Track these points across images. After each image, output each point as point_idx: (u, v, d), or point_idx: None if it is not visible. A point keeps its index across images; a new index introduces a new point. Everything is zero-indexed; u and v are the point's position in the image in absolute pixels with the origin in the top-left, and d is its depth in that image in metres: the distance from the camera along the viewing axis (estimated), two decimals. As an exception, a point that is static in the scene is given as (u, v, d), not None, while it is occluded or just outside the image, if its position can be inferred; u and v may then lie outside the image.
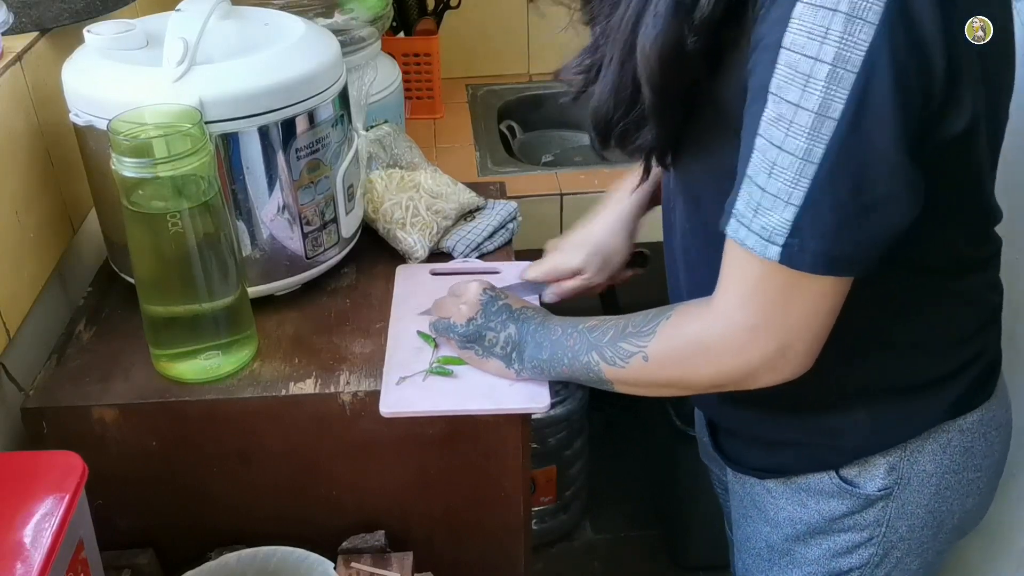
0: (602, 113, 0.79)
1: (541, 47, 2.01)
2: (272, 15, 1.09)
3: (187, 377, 0.95)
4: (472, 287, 0.95)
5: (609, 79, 0.77)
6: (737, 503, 1.02)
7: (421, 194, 1.18)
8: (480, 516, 1.03)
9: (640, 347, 0.81)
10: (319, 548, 0.93)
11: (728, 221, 0.72)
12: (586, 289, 1.06)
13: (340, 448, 0.97)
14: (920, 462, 0.87)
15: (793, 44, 0.64)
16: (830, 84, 0.64)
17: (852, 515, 0.89)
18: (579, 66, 0.84)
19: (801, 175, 0.66)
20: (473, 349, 0.94)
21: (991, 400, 0.89)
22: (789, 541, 0.94)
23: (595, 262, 1.05)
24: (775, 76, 0.66)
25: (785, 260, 0.69)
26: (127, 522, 0.98)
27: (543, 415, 0.97)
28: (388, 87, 1.47)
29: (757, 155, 0.69)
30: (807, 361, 0.75)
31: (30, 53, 1.02)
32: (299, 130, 0.97)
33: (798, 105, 0.65)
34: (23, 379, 0.96)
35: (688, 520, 1.89)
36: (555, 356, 0.88)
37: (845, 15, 0.62)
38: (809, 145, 0.66)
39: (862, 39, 0.63)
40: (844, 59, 0.63)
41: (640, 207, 1.06)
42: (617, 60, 0.76)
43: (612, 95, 0.78)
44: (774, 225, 0.69)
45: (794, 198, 0.67)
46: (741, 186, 0.71)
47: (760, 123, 0.68)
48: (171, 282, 0.91)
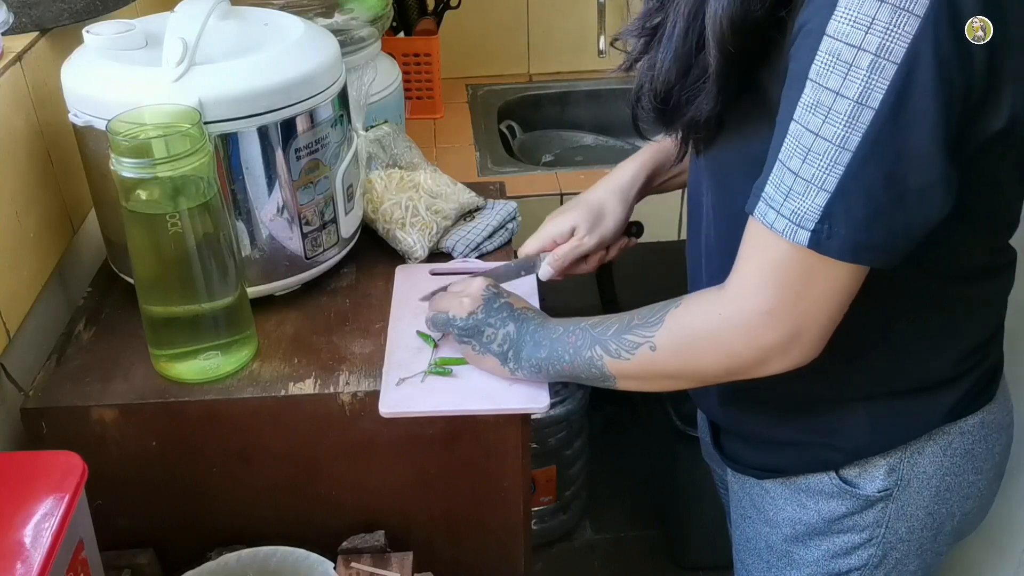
0: (662, 79, 0.78)
1: (541, 47, 2.01)
2: (271, 15, 1.09)
3: (187, 377, 0.95)
4: (476, 282, 0.95)
5: (673, 45, 0.77)
6: (736, 504, 1.02)
7: (421, 194, 1.18)
8: (480, 516, 1.03)
9: (647, 337, 0.81)
10: (319, 548, 0.93)
11: (756, 203, 0.72)
12: (580, 254, 1.05)
13: (340, 448, 0.97)
14: (920, 464, 0.87)
15: (837, 32, 0.65)
16: (872, 73, 0.64)
17: (851, 516, 0.89)
18: (641, 28, 0.83)
19: (836, 162, 0.67)
20: (471, 344, 0.93)
21: (992, 403, 0.88)
22: (788, 542, 0.94)
23: (587, 220, 1.04)
24: (816, 62, 0.66)
25: (813, 245, 0.69)
26: (127, 522, 0.98)
27: (543, 415, 0.97)
28: (388, 87, 1.47)
29: (791, 140, 0.69)
30: (816, 348, 0.75)
31: (30, 53, 1.02)
32: (298, 130, 0.97)
33: (838, 92, 0.66)
34: (23, 379, 0.96)
35: (688, 520, 1.89)
36: (555, 353, 0.87)
37: (892, 6, 0.63)
38: (846, 133, 0.66)
39: (907, 31, 0.63)
40: (887, 50, 0.63)
41: (639, 180, 1.05)
42: (682, 26, 0.75)
43: (675, 62, 0.77)
44: (805, 210, 0.69)
45: (827, 184, 0.67)
46: (772, 170, 0.71)
47: (797, 108, 0.68)
48: (170, 282, 0.91)
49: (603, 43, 1.92)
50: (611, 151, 1.96)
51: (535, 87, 2.01)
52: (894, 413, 0.85)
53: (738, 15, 0.70)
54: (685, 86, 0.77)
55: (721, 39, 0.72)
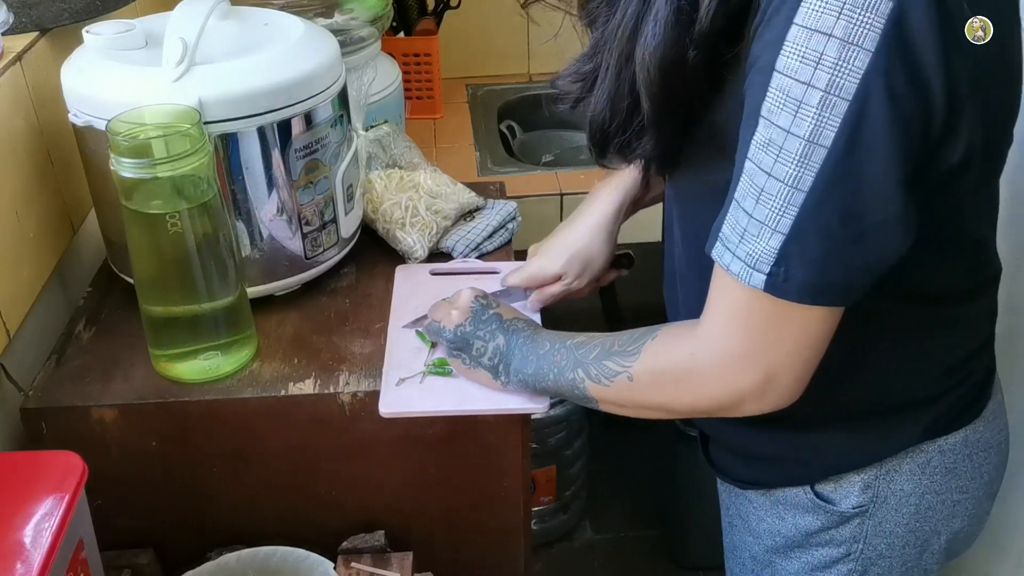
0: (598, 123, 0.77)
1: (541, 47, 2.01)
2: (271, 15, 1.09)
3: (186, 377, 0.95)
4: (464, 293, 0.93)
5: (606, 88, 0.75)
6: (724, 512, 1.02)
7: (420, 194, 1.18)
8: (480, 516, 1.03)
9: (625, 367, 0.79)
10: (319, 548, 0.93)
11: (714, 244, 0.71)
12: (569, 294, 1.05)
13: (340, 448, 0.97)
14: (897, 481, 0.85)
15: (786, 68, 0.62)
16: (822, 111, 0.62)
17: (827, 530, 0.88)
18: (576, 73, 0.81)
19: (789, 203, 0.65)
20: (461, 358, 0.92)
21: (978, 421, 0.86)
22: (770, 553, 0.93)
23: (575, 267, 1.03)
24: (767, 99, 0.64)
25: (769, 288, 0.67)
26: (127, 522, 0.98)
27: (543, 415, 0.97)
28: (388, 87, 1.47)
29: (745, 179, 0.67)
30: (794, 392, 0.74)
31: (30, 53, 1.02)
32: (298, 130, 0.97)
33: (788, 131, 0.63)
34: (23, 379, 0.96)
35: (688, 520, 1.89)
36: (540, 371, 0.86)
37: (840, 40, 0.60)
38: (798, 172, 0.64)
39: (857, 66, 0.60)
40: (837, 86, 0.61)
41: (621, 211, 1.04)
42: (614, 69, 0.73)
43: (609, 105, 0.75)
44: (760, 252, 0.67)
45: (781, 226, 0.65)
46: (728, 209, 0.69)
47: (750, 146, 0.66)
48: (170, 282, 0.91)
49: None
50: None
51: (535, 87, 2.01)
52: (870, 431, 0.84)
53: (668, 59, 0.68)
54: (626, 128, 0.76)
55: (649, 84, 0.70)
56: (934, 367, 0.83)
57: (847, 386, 0.82)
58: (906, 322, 0.80)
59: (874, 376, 0.82)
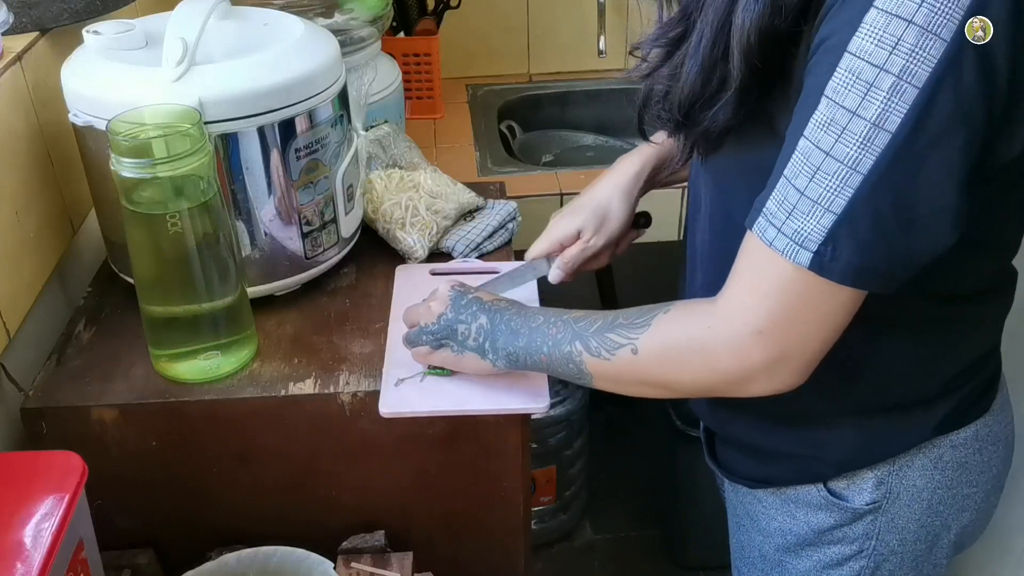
0: (687, 91, 0.76)
1: (541, 47, 2.01)
2: (271, 15, 1.09)
3: (186, 377, 0.95)
4: (441, 286, 0.93)
5: (700, 56, 0.74)
6: (732, 512, 1.02)
7: (421, 194, 1.18)
8: (480, 516, 1.03)
9: (630, 339, 0.78)
10: (319, 548, 0.93)
11: (756, 219, 0.71)
12: (588, 255, 1.04)
13: (340, 448, 0.97)
14: (910, 477, 0.85)
15: (860, 50, 0.63)
16: (892, 96, 0.62)
17: (840, 528, 0.88)
18: (664, 37, 0.80)
19: (845, 183, 0.65)
20: (448, 347, 0.91)
21: (988, 414, 0.87)
22: (780, 551, 0.93)
23: (593, 221, 1.03)
24: (834, 79, 0.64)
25: (814, 267, 0.67)
26: (127, 522, 0.98)
27: (543, 415, 0.97)
28: (388, 87, 1.47)
29: (799, 156, 0.67)
30: (803, 374, 0.73)
31: (30, 53, 1.02)
32: (298, 130, 0.97)
33: (854, 112, 0.63)
34: (23, 379, 0.96)
35: (688, 520, 1.89)
36: (533, 344, 0.85)
37: (920, 28, 0.60)
38: (859, 154, 0.64)
39: (932, 55, 0.61)
40: (911, 73, 0.61)
41: (643, 176, 1.04)
42: (709, 37, 0.73)
43: (700, 73, 0.75)
44: (809, 230, 0.67)
45: (834, 206, 0.65)
46: (776, 185, 0.69)
47: (808, 125, 0.66)
48: (170, 282, 0.91)
49: (603, 43, 1.91)
50: (611, 151, 1.96)
51: (535, 87, 2.01)
52: (882, 427, 0.84)
53: (766, 27, 0.68)
54: (706, 97, 0.75)
55: (748, 51, 0.70)
56: (951, 365, 0.83)
57: (862, 382, 0.82)
58: (927, 319, 0.80)
59: (891, 372, 0.82)
